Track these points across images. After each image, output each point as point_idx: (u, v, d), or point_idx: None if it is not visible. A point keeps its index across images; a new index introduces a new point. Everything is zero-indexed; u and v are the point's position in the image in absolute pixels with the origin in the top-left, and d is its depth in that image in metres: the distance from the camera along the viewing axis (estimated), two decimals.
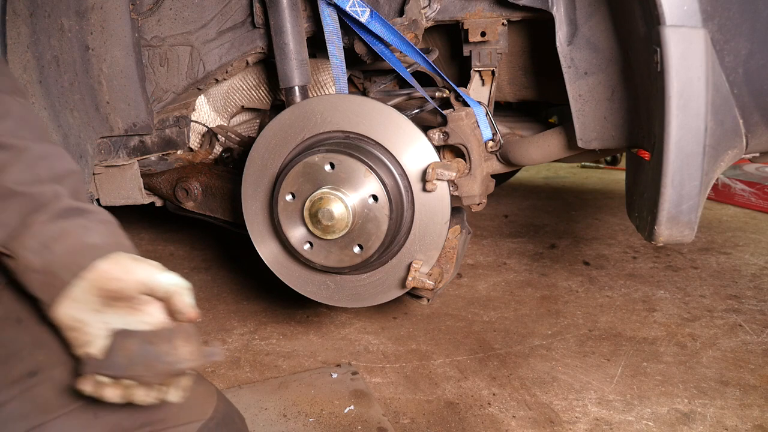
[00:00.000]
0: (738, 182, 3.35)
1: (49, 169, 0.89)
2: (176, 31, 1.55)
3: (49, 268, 0.83)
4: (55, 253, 0.83)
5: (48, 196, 0.86)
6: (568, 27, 1.27)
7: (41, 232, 0.84)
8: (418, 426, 1.49)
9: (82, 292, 0.83)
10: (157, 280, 0.84)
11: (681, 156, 1.02)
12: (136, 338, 0.83)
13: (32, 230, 0.84)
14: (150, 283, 0.84)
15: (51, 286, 0.84)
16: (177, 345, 0.83)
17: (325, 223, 1.30)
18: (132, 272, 0.84)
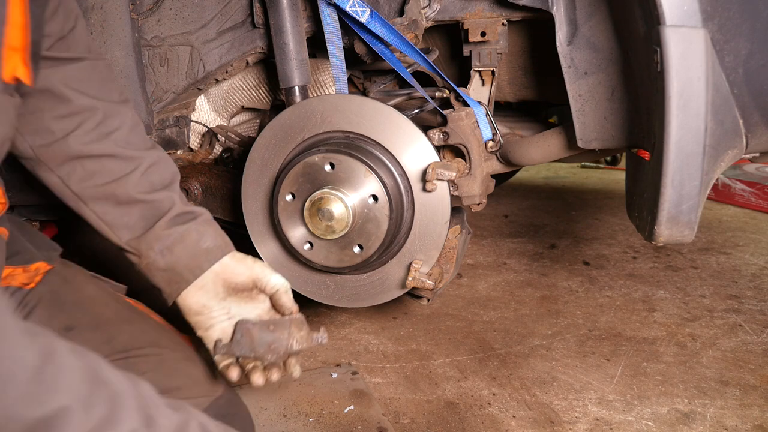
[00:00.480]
0: (738, 182, 3.35)
1: (160, 176, 1.06)
2: (176, 31, 1.55)
3: (172, 267, 1.01)
4: (177, 255, 1.01)
5: (165, 204, 1.04)
6: (568, 27, 1.27)
7: (164, 236, 1.01)
8: (418, 426, 1.49)
9: (211, 282, 1.02)
10: (268, 279, 1.03)
11: (681, 156, 1.02)
12: (258, 326, 1.02)
13: (156, 234, 1.01)
14: (263, 280, 1.03)
15: (175, 283, 1.02)
16: (292, 331, 1.01)
17: (325, 223, 1.30)
18: (250, 269, 1.03)
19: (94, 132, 1.01)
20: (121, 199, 1.02)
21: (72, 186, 1.01)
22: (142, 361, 1.04)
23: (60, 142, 1.00)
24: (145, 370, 1.03)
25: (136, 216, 1.02)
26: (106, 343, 1.03)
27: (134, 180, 1.02)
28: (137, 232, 1.02)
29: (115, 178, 1.02)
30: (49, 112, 0.99)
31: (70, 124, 1.00)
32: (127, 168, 1.02)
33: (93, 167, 1.01)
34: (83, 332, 1.03)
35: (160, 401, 0.75)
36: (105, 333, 1.05)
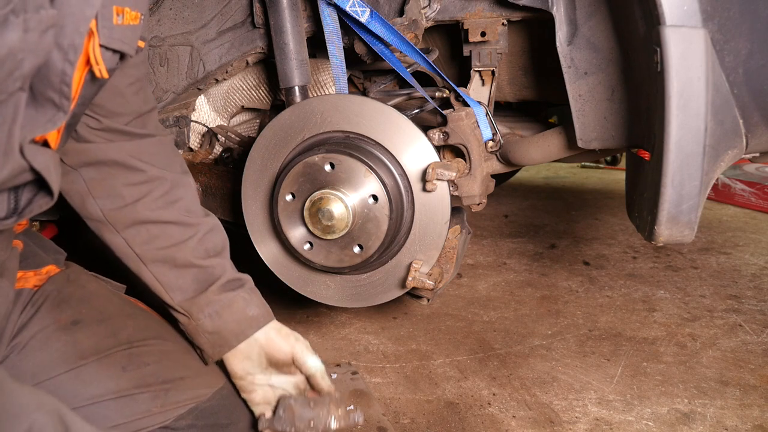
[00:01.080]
0: (738, 182, 3.35)
1: (214, 243, 1.14)
2: (176, 31, 1.55)
3: (219, 331, 1.08)
4: (224, 319, 1.08)
5: (217, 270, 1.12)
6: (568, 27, 1.27)
7: (214, 300, 1.09)
8: (418, 426, 1.49)
9: (257, 354, 1.10)
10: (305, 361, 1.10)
11: (681, 156, 1.02)
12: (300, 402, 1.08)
13: (207, 298, 1.09)
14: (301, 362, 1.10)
15: (219, 346, 1.09)
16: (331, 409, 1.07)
17: (325, 223, 1.30)
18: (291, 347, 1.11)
19: (161, 200, 1.11)
20: (179, 262, 1.10)
21: (135, 247, 1.09)
22: (146, 352, 1.07)
23: (129, 207, 1.08)
24: (149, 362, 1.05)
25: (190, 279, 1.10)
26: (111, 336, 1.06)
27: (192, 245, 1.11)
28: (189, 295, 1.09)
29: (174, 243, 1.10)
30: (122, 179, 1.08)
31: (140, 191, 1.09)
32: (187, 234, 1.11)
33: (156, 232, 1.10)
34: (89, 326, 1.05)
35: None
36: (110, 326, 1.07)
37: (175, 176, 1.14)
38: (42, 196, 0.87)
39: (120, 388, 1.01)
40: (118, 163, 1.07)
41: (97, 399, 0.99)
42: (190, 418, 1.05)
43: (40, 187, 0.86)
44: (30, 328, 1.01)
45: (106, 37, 0.81)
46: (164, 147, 1.15)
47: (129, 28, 0.87)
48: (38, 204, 0.87)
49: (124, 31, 0.85)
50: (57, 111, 0.77)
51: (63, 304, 1.06)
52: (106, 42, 0.81)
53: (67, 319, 1.05)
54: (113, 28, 0.82)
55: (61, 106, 0.77)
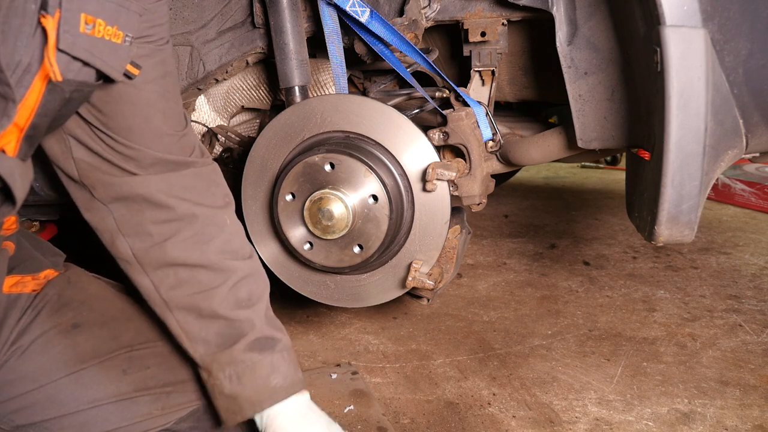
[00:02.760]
0: (738, 182, 3.35)
1: (248, 291, 1.05)
2: (176, 31, 1.55)
3: (235, 397, 1.01)
4: (244, 386, 1.00)
5: (245, 326, 1.03)
6: (568, 27, 1.27)
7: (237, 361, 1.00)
8: (418, 426, 1.49)
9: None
10: None
11: (681, 156, 1.02)
12: None
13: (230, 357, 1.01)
14: None
15: (232, 412, 1.01)
16: None
17: (325, 223, 1.30)
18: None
19: (191, 239, 1.03)
20: (204, 312, 1.03)
21: (162, 292, 1.03)
22: (147, 355, 1.07)
23: (157, 246, 1.02)
24: (149, 365, 1.05)
25: (214, 332, 1.02)
26: (112, 339, 1.06)
27: (221, 294, 1.03)
28: (212, 349, 1.02)
29: (202, 290, 1.03)
30: (149, 216, 1.02)
31: (168, 229, 1.02)
32: (217, 281, 1.03)
33: (184, 276, 1.03)
34: (90, 329, 1.05)
35: None
36: (111, 329, 1.07)
37: (209, 212, 1.06)
38: (7, 205, 0.85)
39: (121, 392, 1.01)
40: (145, 199, 1.01)
41: (97, 402, 0.99)
42: (191, 421, 1.05)
43: (6, 195, 0.83)
44: (30, 333, 1.00)
45: (68, 44, 0.77)
46: (200, 179, 1.06)
47: (104, 42, 0.82)
48: (2, 212, 0.85)
49: (96, 43, 0.81)
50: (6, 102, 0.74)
51: (63, 307, 1.06)
52: (67, 48, 0.77)
53: (67, 323, 1.04)
54: (78, 35, 0.78)
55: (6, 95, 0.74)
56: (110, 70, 0.85)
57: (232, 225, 1.10)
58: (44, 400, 0.97)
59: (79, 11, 0.77)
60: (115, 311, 1.11)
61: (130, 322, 1.10)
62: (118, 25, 0.84)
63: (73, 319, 1.05)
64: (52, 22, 0.74)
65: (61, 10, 0.75)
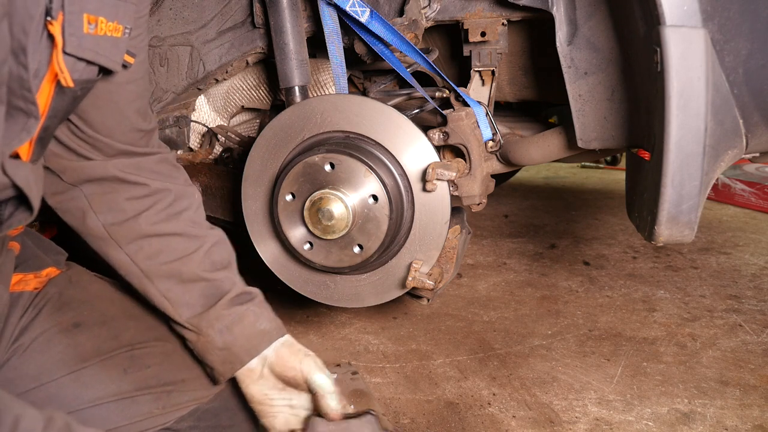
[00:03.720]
0: (738, 182, 3.35)
1: (220, 256, 1.10)
2: (176, 31, 1.55)
3: (229, 347, 1.03)
4: (235, 335, 1.03)
5: (226, 284, 1.07)
6: (568, 27, 1.27)
7: (224, 315, 1.04)
8: (418, 426, 1.49)
9: (269, 372, 1.04)
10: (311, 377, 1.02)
11: (681, 156, 1.02)
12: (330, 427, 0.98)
13: (216, 313, 1.04)
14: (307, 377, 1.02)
15: (229, 363, 1.04)
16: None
17: (325, 223, 1.30)
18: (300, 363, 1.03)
19: (164, 212, 1.07)
20: (185, 276, 1.06)
21: (139, 263, 1.05)
22: (148, 354, 1.07)
23: (131, 220, 1.05)
24: (150, 364, 1.05)
25: (197, 294, 1.06)
26: (113, 338, 1.06)
27: (198, 258, 1.07)
28: (198, 310, 1.05)
29: (180, 256, 1.06)
30: (123, 194, 1.05)
31: (143, 204, 1.06)
32: (192, 246, 1.07)
33: (160, 245, 1.06)
34: (91, 328, 1.05)
35: None
36: (112, 328, 1.07)
37: (179, 188, 1.11)
38: (22, 211, 0.85)
39: (121, 391, 1.01)
40: (119, 179, 1.04)
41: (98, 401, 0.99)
42: (191, 420, 1.05)
43: (20, 201, 0.84)
44: (31, 331, 1.01)
45: (75, 46, 0.77)
46: (166, 163, 1.12)
47: (106, 39, 0.83)
48: (18, 218, 0.86)
49: (99, 41, 0.82)
50: (28, 118, 0.75)
51: (64, 306, 1.06)
52: (74, 50, 0.78)
53: (68, 322, 1.04)
54: (83, 36, 0.78)
55: (30, 112, 0.75)
56: (112, 64, 0.87)
57: (197, 201, 1.15)
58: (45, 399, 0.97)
59: (81, 12, 0.78)
60: (116, 310, 1.11)
61: (131, 321, 1.10)
62: (118, 20, 0.85)
63: (74, 318, 1.05)
64: (58, 27, 0.74)
65: (63, 13, 0.75)
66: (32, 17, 0.71)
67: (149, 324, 1.12)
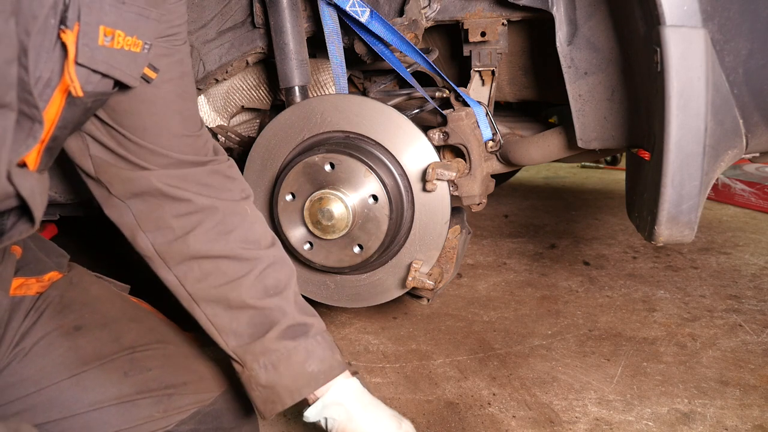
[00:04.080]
0: (738, 182, 3.35)
1: (275, 278, 1.04)
2: None
3: (273, 386, 1.00)
4: (281, 374, 0.99)
5: (276, 314, 1.02)
6: (568, 27, 1.27)
7: (271, 350, 1.00)
8: (418, 426, 1.49)
9: None
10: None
11: (681, 156, 1.02)
12: None
13: (264, 346, 1.00)
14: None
15: (270, 402, 1.00)
16: None
17: (325, 223, 1.30)
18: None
19: (213, 231, 1.03)
20: (233, 303, 1.02)
21: (187, 286, 1.02)
22: (149, 357, 1.06)
23: (180, 240, 1.02)
24: (151, 367, 1.05)
25: (245, 323, 1.02)
26: (113, 341, 1.05)
27: (248, 283, 1.02)
28: (244, 341, 1.01)
29: (229, 281, 1.02)
30: (169, 210, 1.01)
31: (189, 222, 1.02)
32: (242, 270, 1.03)
33: (209, 268, 1.02)
34: (92, 331, 1.05)
35: None
36: (112, 331, 1.07)
37: (229, 204, 1.06)
38: (24, 222, 0.84)
39: (122, 394, 1.00)
40: (162, 193, 1.00)
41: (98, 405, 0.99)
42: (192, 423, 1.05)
43: (23, 212, 0.83)
44: (33, 335, 1.00)
45: (87, 57, 0.76)
46: (216, 175, 1.07)
47: (123, 53, 0.81)
48: (19, 230, 0.85)
49: (114, 55, 0.80)
50: (33, 123, 0.74)
51: (65, 309, 1.05)
52: (86, 62, 0.76)
53: (69, 325, 1.04)
54: (97, 48, 0.77)
55: (34, 117, 0.74)
56: (128, 78, 0.85)
57: (253, 214, 1.09)
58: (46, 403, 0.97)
59: (98, 24, 0.76)
60: (116, 312, 1.11)
61: (132, 324, 1.10)
62: (138, 35, 0.83)
63: (75, 321, 1.05)
64: (72, 36, 0.73)
65: (80, 23, 0.74)
66: (36, 17, 0.70)
67: (150, 326, 1.12)
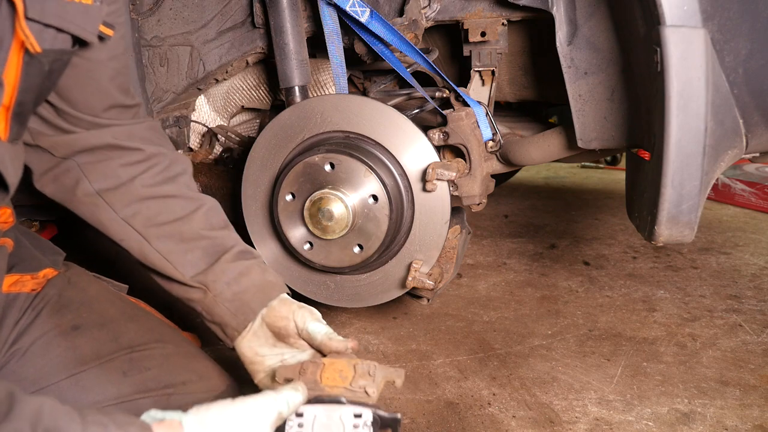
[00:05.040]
0: (738, 182, 3.35)
1: (218, 218, 1.09)
2: (176, 31, 1.55)
3: (240, 297, 1.02)
4: (244, 285, 1.02)
5: (228, 241, 1.07)
6: (568, 27, 1.27)
7: (230, 268, 1.03)
8: (418, 426, 1.49)
9: (260, 327, 1.01)
10: (306, 327, 0.98)
11: (681, 156, 1.02)
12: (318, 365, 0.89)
13: (222, 267, 1.03)
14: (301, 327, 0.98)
15: (242, 313, 1.02)
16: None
17: (325, 223, 1.30)
18: (292, 313, 0.99)
19: (160, 175, 1.06)
20: (186, 236, 1.05)
21: (137, 227, 1.04)
22: (148, 356, 1.06)
23: (126, 185, 1.04)
24: (150, 366, 1.04)
25: (200, 252, 1.05)
26: (112, 341, 1.05)
27: (198, 218, 1.06)
28: (201, 267, 1.04)
29: (179, 217, 1.05)
30: (118, 160, 1.04)
31: (138, 169, 1.05)
32: (191, 207, 1.07)
33: (158, 207, 1.05)
34: (90, 330, 1.05)
35: None
36: (111, 331, 1.06)
37: (172, 153, 1.10)
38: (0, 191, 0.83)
39: (121, 394, 1.00)
40: (112, 146, 1.02)
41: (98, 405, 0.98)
42: None
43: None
44: (30, 334, 1.00)
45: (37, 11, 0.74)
46: (156, 130, 1.11)
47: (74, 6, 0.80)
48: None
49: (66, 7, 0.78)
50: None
51: (63, 308, 1.05)
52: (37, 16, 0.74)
53: (67, 324, 1.04)
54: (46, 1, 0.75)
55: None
56: (85, 33, 0.84)
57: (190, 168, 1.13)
58: None
59: None
60: (115, 312, 1.10)
61: (131, 323, 1.10)
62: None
63: (73, 320, 1.04)
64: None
65: None
66: None
67: (149, 326, 1.11)
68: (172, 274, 1.04)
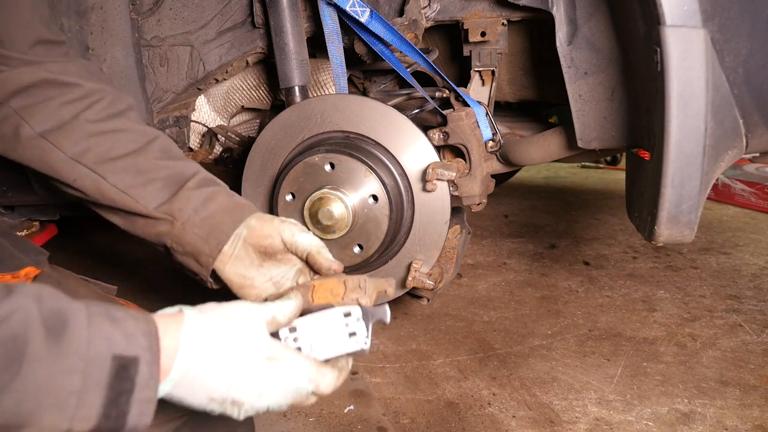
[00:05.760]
0: (738, 182, 3.35)
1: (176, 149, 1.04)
2: (176, 31, 1.55)
3: (210, 222, 0.96)
4: (212, 209, 0.96)
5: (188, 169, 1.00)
6: (568, 27, 1.27)
7: (195, 195, 0.97)
8: (418, 426, 1.49)
9: (243, 249, 0.96)
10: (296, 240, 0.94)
11: (681, 156, 1.02)
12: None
13: (186, 194, 0.97)
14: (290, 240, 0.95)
15: (215, 238, 0.95)
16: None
17: (325, 223, 1.30)
18: (277, 230, 0.95)
19: (105, 111, 1.00)
20: (142, 167, 0.98)
21: (88, 163, 0.96)
22: None
23: (71, 123, 0.97)
24: None
25: (161, 182, 0.98)
26: None
27: (154, 149, 1.00)
28: (165, 197, 0.97)
29: (133, 150, 0.98)
30: (57, 99, 0.97)
31: (80, 106, 0.98)
32: (145, 139, 1.00)
33: (108, 143, 0.98)
34: None
35: None
36: None
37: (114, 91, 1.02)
38: None
39: None
40: (49, 81, 0.95)
41: None
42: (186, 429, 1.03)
43: None
44: None
45: None
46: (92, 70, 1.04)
47: None
48: None
49: None
50: None
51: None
52: None
53: None
54: None
55: None
56: None
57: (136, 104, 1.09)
58: None
59: None
60: None
61: None
62: None
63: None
64: None
65: None
66: None
67: None
68: (134, 208, 0.97)
